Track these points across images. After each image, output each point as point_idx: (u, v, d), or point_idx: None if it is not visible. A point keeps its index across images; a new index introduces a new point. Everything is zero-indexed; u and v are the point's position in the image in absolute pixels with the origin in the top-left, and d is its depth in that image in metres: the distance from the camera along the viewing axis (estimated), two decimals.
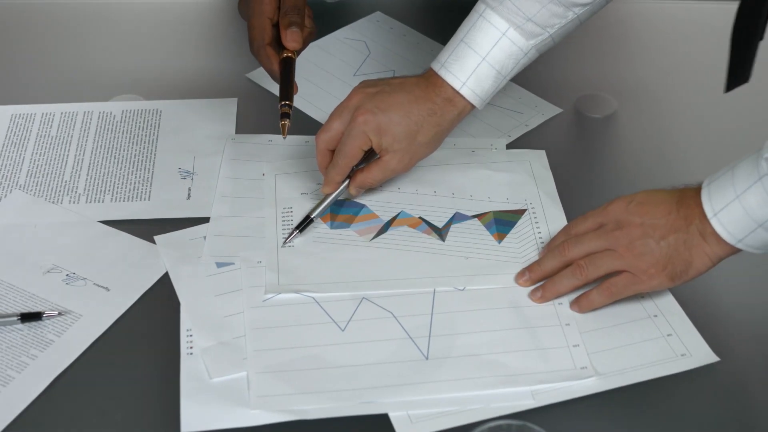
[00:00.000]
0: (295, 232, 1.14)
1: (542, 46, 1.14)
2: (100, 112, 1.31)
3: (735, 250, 1.00)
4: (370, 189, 1.19)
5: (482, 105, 1.14)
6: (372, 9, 1.50)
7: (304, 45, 1.19)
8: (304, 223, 1.14)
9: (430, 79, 1.14)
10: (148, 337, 1.05)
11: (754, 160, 0.98)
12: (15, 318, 1.04)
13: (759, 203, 0.97)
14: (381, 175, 1.15)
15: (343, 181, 1.15)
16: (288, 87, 1.16)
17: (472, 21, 1.13)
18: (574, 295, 1.07)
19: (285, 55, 1.17)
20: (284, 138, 1.15)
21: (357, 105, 1.13)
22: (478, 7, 1.13)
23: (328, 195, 1.15)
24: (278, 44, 1.18)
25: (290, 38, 1.16)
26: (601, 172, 1.26)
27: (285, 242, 1.13)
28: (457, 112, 1.14)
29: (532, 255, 1.13)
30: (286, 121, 1.15)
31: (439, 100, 1.13)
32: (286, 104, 1.15)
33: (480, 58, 1.11)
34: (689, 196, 1.02)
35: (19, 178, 1.22)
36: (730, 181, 0.99)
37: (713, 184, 1.00)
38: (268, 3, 1.16)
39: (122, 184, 1.21)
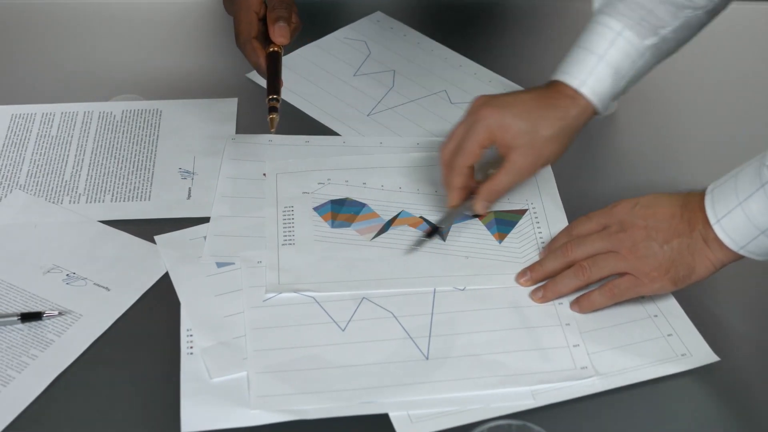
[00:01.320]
0: (423, 239, 1.13)
1: (658, 50, 1.14)
2: (100, 112, 1.31)
3: (737, 257, 1.00)
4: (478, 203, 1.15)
5: (603, 106, 1.13)
6: (372, 9, 1.50)
7: (290, 40, 1.19)
8: (432, 233, 1.14)
9: (551, 85, 1.14)
10: (148, 337, 1.05)
11: (757, 167, 0.98)
12: (15, 318, 1.04)
13: (761, 210, 0.97)
14: (507, 177, 1.12)
15: (467, 191, 1.14)
16: (275, 81, 1.17)
17: (588, 27, 1.14)
18: (574, 296, 1.07)
19: (271, 49, 1.18)
20: (272, 131, 1.16)
21: (479, 105, 1.12)
22: (594, 16, 1.14)
23: (453, 209, 1.14)
24: (264, 38, 1.19)
25: (278, 33, 1.16)
26: (601, 172, 1.26)
27: (413, 246, 1.12)
28: (580, 110, 1.12)
29: (532, 255, 1.13)
30: (274, 115, 1.15)
31: (561, 97, 1.12)
32: (273, 98, 1.16)
33: (597, 58, 1.12)
34: (693, 201, 1.02)
35: (19, 178, 1.22)
36: (733, 188, 0.99)
37: (717, 190, 1.00)
38: (257, 4, 1.17)
39: (122, 184, 1.21)
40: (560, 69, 1.14)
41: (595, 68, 1.12)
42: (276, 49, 1.18)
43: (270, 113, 1.15)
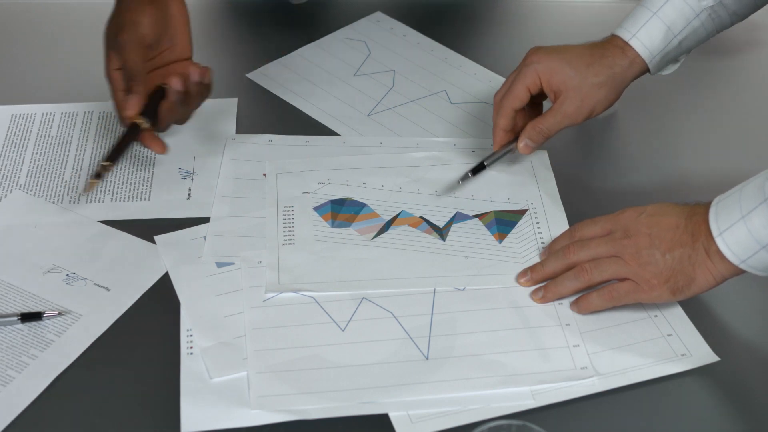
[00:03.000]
0: (468, 174, 1.18)
1: (715, 14, 1.16)
2: (100, 112, 1.31)
3: (739, 271, 1.00)
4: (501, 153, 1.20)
5: (652, 61, 1.16)
6: (372, 9, 1.50)
7: (198, 103, 1.19)
8: (477, 169, 1.19)
9: (605, 39, 1.18)
10: (148, 337, 1.05)
11: (761, 182, 0.98)
12: (15, 318, 1.04)
13: (763, 224, 0.97)
14: (553, 119, 1.17)
15: (511, 136, 1.19)
16: (116, 149, 1.17)
17: None
18: (574, 297, 1.07)
19: (133, 122, 1.16)
20: (84, 194, 1.17)
21: (531, 52, 1.17)
22: None
23: (500, 149, 1.20)
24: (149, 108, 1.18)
25: (124, 107, 1.16)
26: (602, 172, 1.26)
27: (459, 182, 1.18)
28: (629, 62, 1.16)
29: (532, 255, 1.13)
30: (96, 181, 1.16)
31: (611, 47, 1.16)
32: (105, 165, 1.16)
33: (651, 14, 1.15)
34: (698, 213, 1.02)
35: (19, 178, 1.22)
36: (737, 201, 0.99)
37: (722, 203, 1.01)
38: (115, 78, 1.17)
39: (122, 184, 1.21)
40: (618, 25, 1.18)
41: (647, 23, 1.15)
42: (137, 122, 1.16)
43: (94, 177, 1.16)
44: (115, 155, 1.16)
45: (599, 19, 1.49)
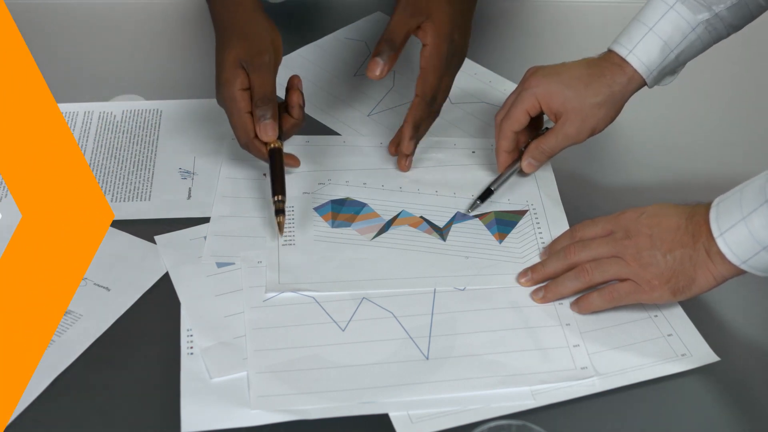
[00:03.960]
0: (477, 202, 1.18)
1: (711, 26, 1.15)
2: (100, 112, 1.31)
3: (739, 272, 1.00)
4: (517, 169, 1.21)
5: (649, 76, 1.16)
6: (372, 9, 1.50)
7: (288, 134, 1.17)
8: (485, 195, 1.18)
9: (602, 55, 1.18)
10: (148, 337, 1.05)
11: (762, 183, 0.98)
12: None
13: (764, 225, 0.97)
14: (554, 139, 1.17)
15: (515, 155, 1.20)
16: (277, 180, 1.14)
17: (647, 2, 1.17)
18: (574, 297, 1.07)
19: (270, 146, 1.15)
20: (281, 236, 1.13)
21: (529, 74, 1.18)
22: None
23: (505, 170, 1.20)
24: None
25: (262, 132, 1.13)
26: (602, 172, 1.26)
27: (469, 210, 1.17)
28: (627, 79, 1.16)
29: (532, 255, 1.13)
30: (281, 218, 1.12)
31: (609, 65, 1.16)
32: (279, 200, 1.12)
33: (647, 29, 1.15)
34: (699, 213, 1.02)
35: None
36: (738, 202, 0.99)
37: (722, 203, 1.01)
38: (241, 99, 1.13)
39: (122, 184, 1.21)
40: (614, 40, 1.17)
41: (643, 38, 1.15)
42: (274, 145, 1.15)
43: (277, 216, 1.12)
44: (281, 187, 1.13)
45: (599, 19, 1.49)
